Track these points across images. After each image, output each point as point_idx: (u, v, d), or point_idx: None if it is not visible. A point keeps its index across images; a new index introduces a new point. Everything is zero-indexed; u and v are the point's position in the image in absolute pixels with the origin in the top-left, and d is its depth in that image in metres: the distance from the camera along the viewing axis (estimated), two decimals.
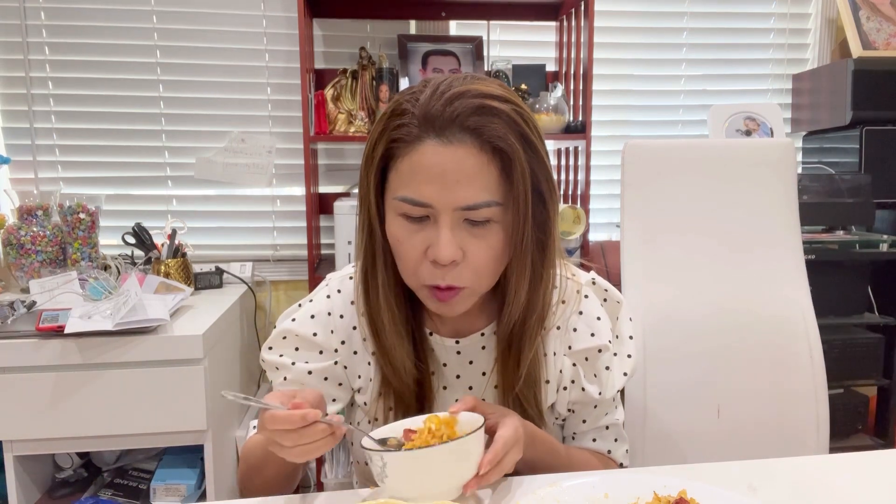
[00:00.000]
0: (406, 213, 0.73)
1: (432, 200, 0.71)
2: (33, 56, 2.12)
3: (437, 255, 0.71)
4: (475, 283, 0.75)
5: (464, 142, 0.70)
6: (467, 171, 0.70)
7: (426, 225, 0.73)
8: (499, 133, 0.70)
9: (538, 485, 0.72)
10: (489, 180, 0.71)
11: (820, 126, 2.26)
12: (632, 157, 1.25)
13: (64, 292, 1.62)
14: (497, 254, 0.74)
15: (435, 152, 0.70)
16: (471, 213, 0.71)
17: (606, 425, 0.90)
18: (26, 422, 1.43)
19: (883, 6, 2.21)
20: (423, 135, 0.71)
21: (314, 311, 0.87)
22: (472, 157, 0.70)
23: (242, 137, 2.20)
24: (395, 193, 0.73)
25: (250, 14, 2.18)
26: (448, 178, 0.70)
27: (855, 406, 2.08)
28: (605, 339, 0.86)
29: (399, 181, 0.73)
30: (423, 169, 0.70)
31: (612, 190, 2.35)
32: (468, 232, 0.73)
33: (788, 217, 1.26)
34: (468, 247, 0.73)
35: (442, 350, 0.85)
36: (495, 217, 0.72)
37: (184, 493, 1.60)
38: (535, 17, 2.24)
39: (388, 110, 0.74)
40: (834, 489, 0.74)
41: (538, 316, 0.80)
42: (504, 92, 0.73)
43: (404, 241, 0.74)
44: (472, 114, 0.69)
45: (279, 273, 2.28)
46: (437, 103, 0.70)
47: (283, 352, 0.86)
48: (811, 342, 1.23)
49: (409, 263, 0.75)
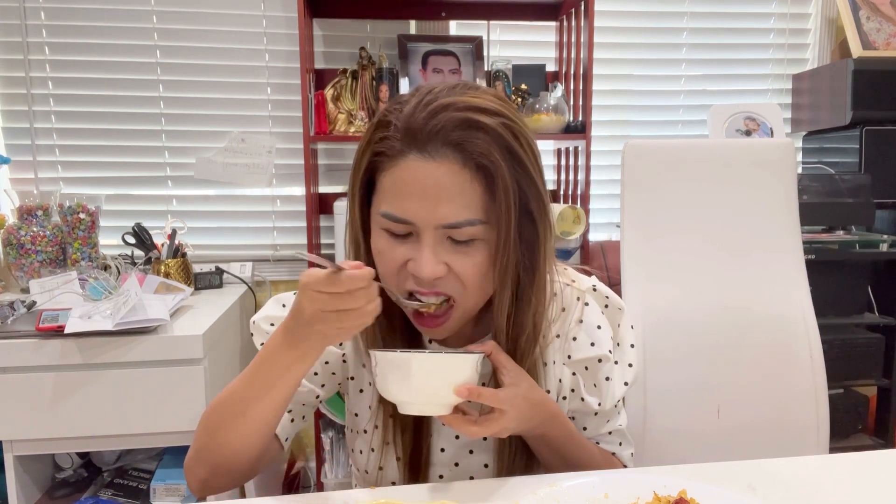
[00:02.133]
0: (389, 229, 0.72)
1: (414, 218, 0.69)
2: (33, 56, 2.11)
3: (418, 272, 0.70)
4: (461, 296, 0.73)
5: (446, 157, 0.67)
6: (450, 189, 0.68)
7: (409, 240, 0.72)
8: (481, 149, 0.67)
9: (538, 485, 0.72)
10: (472, 198, 0.69)
11: (820, 126, 2.26)
12: (632, 157, 1.25)
13: (64, 292, 1.62)
14: (483, 271, 0.72)
15: (417, 167, 0.68)
16: (454, 231, 0.70)
17: (609, 431, 0.89)
18: (26, 422, 1.43)
19: (883, 6, 2.21)
20: (405, 149, 0.68)
21: None
22: (455, 173, 0.68)
23: (242, 137, 2.20)
24: (379, 208, 0.72)
25: (250, 14, 2.18)
26: (429, 195, 0.68)
27: (855, 406, 2.08)
28: (606, 349, 0.84)
29: (382, 196, 0.72)
30: (404, 185, 0.69)
31: (612, 190, 2.35)
32: (453, 249, 0.71)
33: (788, 217, 1.26)
34: (452, 262, 0.71)
35: None
36: (480, 235, 0.70)
37: (184, 493, 1.60)
38: (535, 17, 2.24)
39: (374, 121, 0.73)
40: (834, 489, 0.74)
41: (528, 337, 0.78)
42: (495, 104, 0.70)
43: (386, 252, 0.73)
44: (456, 128, 0.67)
45: (279, 273, 2.28)
46: (420, 115, 0.68)
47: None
48: (811, 342, 1.23)
49: (390, 276, 0.73)
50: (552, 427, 0.78)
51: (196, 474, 0.77)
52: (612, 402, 0.85)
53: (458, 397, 0.69)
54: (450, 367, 0.69)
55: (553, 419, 0.78)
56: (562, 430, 0.80)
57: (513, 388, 0.73)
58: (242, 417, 0.73)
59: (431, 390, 0.69)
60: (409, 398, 0.70)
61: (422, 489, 0.75)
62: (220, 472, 0.77)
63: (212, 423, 0.76)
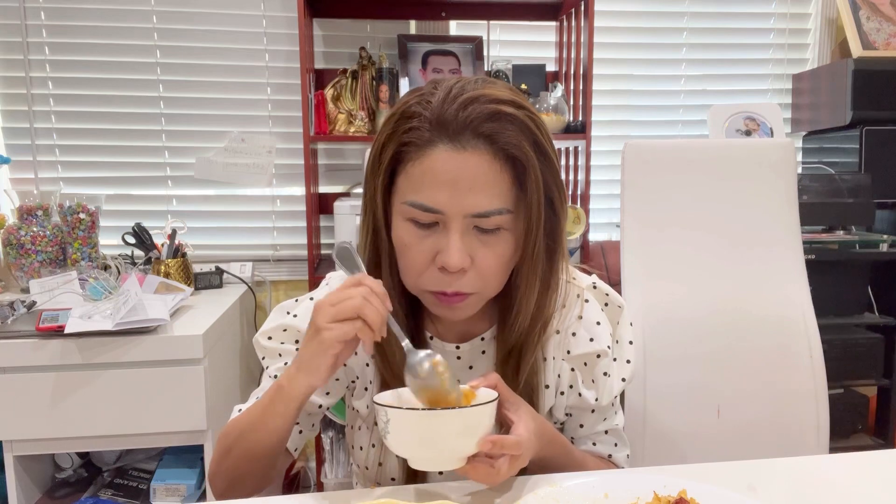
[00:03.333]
0: (415, 219, 0.72)
1: (444, 207, 0.70)
2: (33, 56, 2.12)
3: (446, 263, 0.70)
4: (482, 289, 0.75)
5: (477, 148, 0.69)
6: (480, 179, 0.69)
7: (435, 231, 0.72)
8: (514, 141, 0.69)
9: (538, 485, 0.72)
10: (501, 188, 0.70)
11: (820, 126, 2.26)
12: (632, 157, 1.25)
13: (64, 292, 1.62)
14: (505, 261, 0.74)
15: (448, 158, 0.69)
16: (482, 220, 0.71)
17: (605, 430, 0.90)
18: (26, 422, 1.43)
19: (883, 6, 2.21)
20: (435, 139, 0.69)
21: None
22: (485, 163, 0.69)
23: (242, 137, 2.20)
24: (405, 198, 0.72)
25: (250, 14, 2.18)
26: (460, 185, 0.69)
27: (855, 406, 2.08)
28: (604, 345, 0.85)
29: (409, 186, 0.72)
30: (435, 175, 0.69)
31: (612, 190, 2.35)
32: (478, 239, 0.72)
33: (788, 217, 1.26)
34: (477, 254, 0.72)
35: (442, 355, 0.85)
36: (505, 225, 0.72)
37: (184, 493, 1.60)
38: (535, 17, 2.24)
39: (396, 112, 0.73)
40: (834, 489, 0.74)
41: (543, 322, 0.80)
42: (516, 97, 0.72)
43: (412, 246, 0.73)
44: (487, 120, 0.68)
45: (279, 273, 2.28)
46: (451, 107, 0.69)
47: (284, 340, 0.86)
48: (811, 342, 1.23)
49: (415, 269, 0.74)
50: (551, 449, 0.79)
51: (217, 486, 0.83)
52: (609, 397, 0.86)
53: (476, 448, 0.66)
54: (470, 421, 0.66)
55: (552, 442, 0.79)
56: (559, 450, 0.81)
57: (523, 427, 0.71)
58: (255, 443, 0.77)
59: (452, 446, 0.65)
60: (427, 455, 0.67)
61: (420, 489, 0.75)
62: (237, 486, 0.81)
63: (227, 443, 0.80)
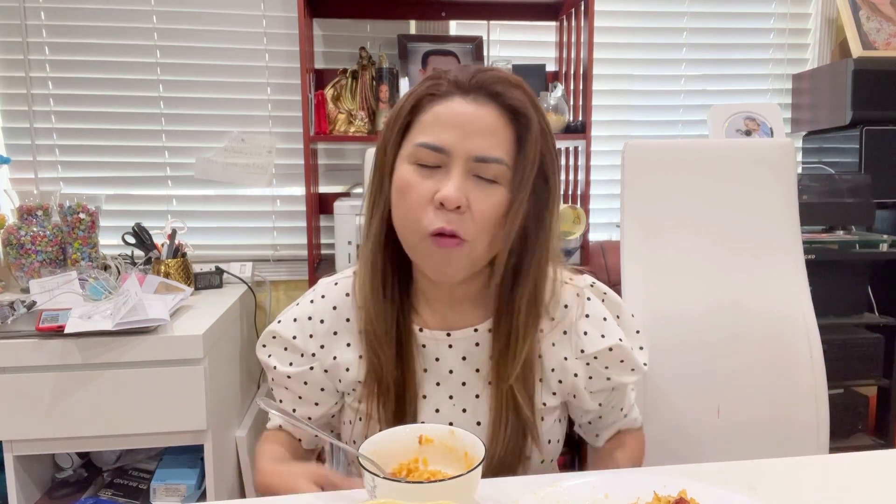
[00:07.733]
0: (420, 161, 0.76)
1: (449, 146, 0.75)
2: (33, 56, 2.12)
3: (445, 196, 0.74)
4: (474, 237, 0.76)
5: (487, 103, 0.77)
6: (486, 126, 0.76)
7: (437, 174, 0.76)
8: (519, 100, 0.77)
9: (538, 485, 0.72)
10: (503, 140, 0.76)
11: (820, 126, 2.26)
12: (632, 157, 1.25)
13: (64, 292, 1.62)
14: (498, 213, 0.76)
15: (458, 106, 0.76)
16: (482, 166, 0.75)
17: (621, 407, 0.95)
18: (26, 422, 1.43)
19: (883, 6, 2.21)
20: (451, 92, 0.77)
21: (297, 315, 0.89)
22: (491, 115, 0.76)
23: (242, 137, 2.20)
24: (415, 141, 0.77)
25: (250, 14, 2.18)
26: (468, 128, 0.75)
27: (855, 406, 2.08)
28: (616, 338, 0.87)
29: (420, 130, 0.78)
30: (445, 118, 0.76)
31: (612, 190, 2.35)
32: (475, 186, 0.76)
33: (788, 217, 1.26)
34: (473, 198, 0.75)
35: (433, 345, 0.86)
36: (501, 176, 0.76)
37: (184, 493, 1.60)
38: (535, 17, 2.24)
39: (424, 78, 0.82)
40: (834, 489, 0.74)
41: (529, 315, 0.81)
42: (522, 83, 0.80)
43: (413, 186, 0.76)
44: (497, 82, 0.77)
45: (279, 273, 2.28)
46: (467, 73, 0.78)
47: (271, 352, 0.89)
48: (811, 342, 1.23)
49: (413, 209, 0.76)
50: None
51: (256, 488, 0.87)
52: (639, 374, 0.90)
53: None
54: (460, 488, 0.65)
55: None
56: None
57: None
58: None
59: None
60: None
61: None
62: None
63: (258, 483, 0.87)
